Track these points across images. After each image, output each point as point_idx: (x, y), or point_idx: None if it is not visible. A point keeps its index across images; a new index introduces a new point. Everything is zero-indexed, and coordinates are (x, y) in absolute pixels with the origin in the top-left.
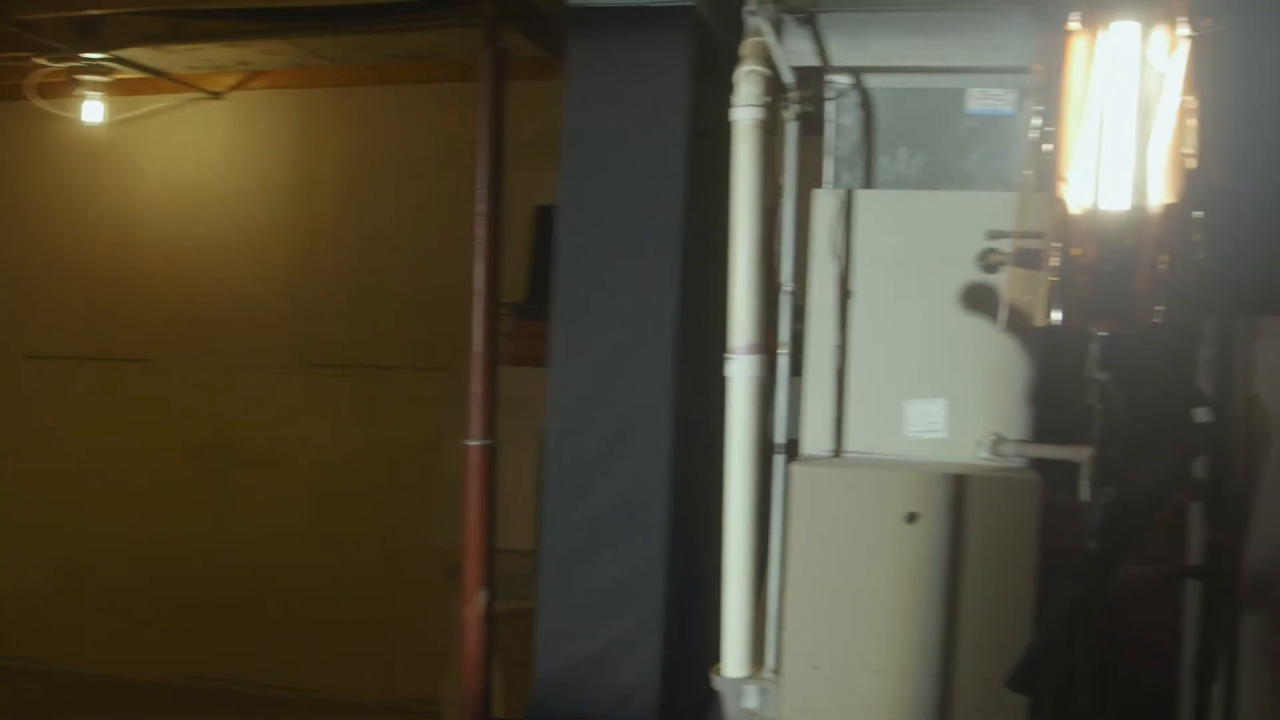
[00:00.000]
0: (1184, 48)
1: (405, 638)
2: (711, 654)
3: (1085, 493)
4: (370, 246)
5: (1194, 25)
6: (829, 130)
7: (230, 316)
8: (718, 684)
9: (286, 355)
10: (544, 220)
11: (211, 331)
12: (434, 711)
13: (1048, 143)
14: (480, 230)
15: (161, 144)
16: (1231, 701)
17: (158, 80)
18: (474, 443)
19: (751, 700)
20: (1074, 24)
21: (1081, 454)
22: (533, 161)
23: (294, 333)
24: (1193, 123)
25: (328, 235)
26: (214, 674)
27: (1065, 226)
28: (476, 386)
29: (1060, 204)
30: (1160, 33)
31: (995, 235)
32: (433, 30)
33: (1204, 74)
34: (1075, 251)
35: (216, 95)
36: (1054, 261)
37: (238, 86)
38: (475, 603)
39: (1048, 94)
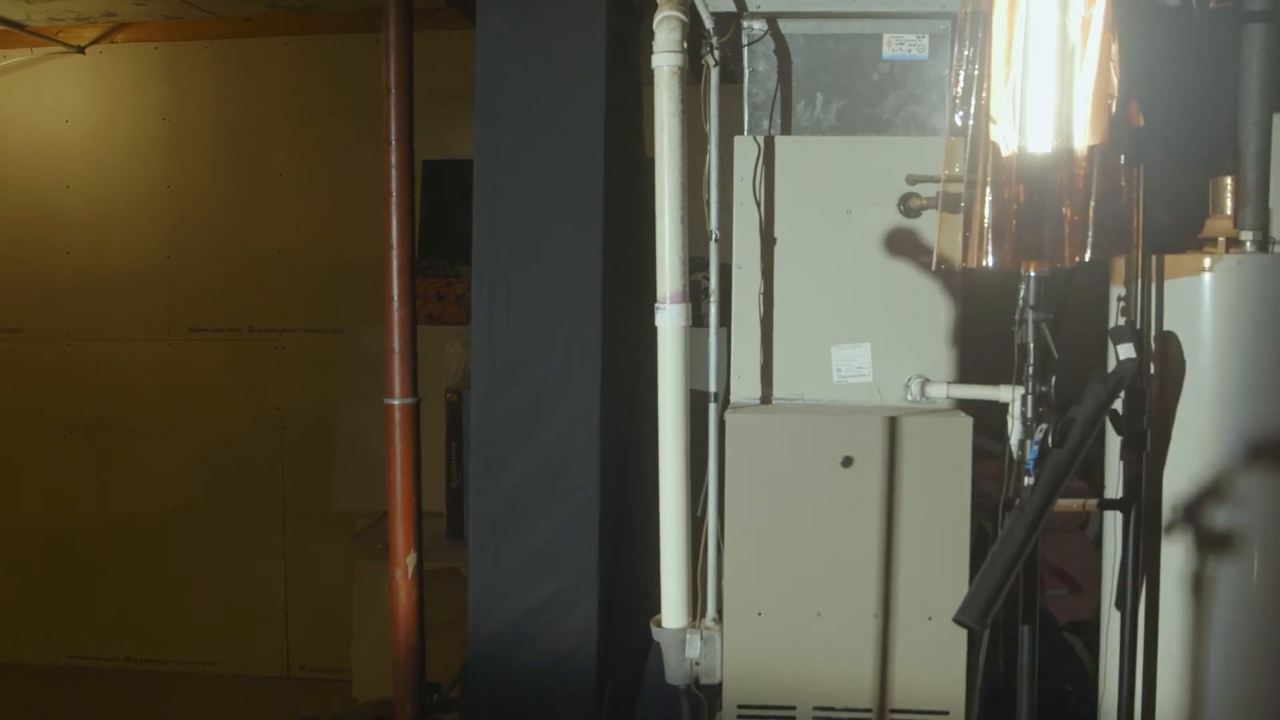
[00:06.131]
0: None
1: (307, 605)
2: (645, 607)
3: (1015, 431)
4: (251, 205)
5: None
6: (746, 77)
7: (104, 282)
8: (658, 635)
9: (166, 320)
10: (432, 176)
11: (85, 298)
12: (342, 678)
13: (976, 86)
14: (392, 183)
15: (23, 101)
16: (1153, 629)
17: (16, 33)
18: (396, 401)
19: (693, 650)
20: None
21: (1008, 394)
22: (417, 116)
23: (172, 296)
24: (1114, 65)
25: (205, 194)
26: (102, 653)
27: (997, 168)
28: (396, 343)
29: (992, 146)
30: None
31: (915, 180)
32: None
33: (1121, 17)
34: (1007, 193)
35: (80, 49)
36: (986, 203)
37: (101, 39)
38: (405, 566)
39: (973, 38)
